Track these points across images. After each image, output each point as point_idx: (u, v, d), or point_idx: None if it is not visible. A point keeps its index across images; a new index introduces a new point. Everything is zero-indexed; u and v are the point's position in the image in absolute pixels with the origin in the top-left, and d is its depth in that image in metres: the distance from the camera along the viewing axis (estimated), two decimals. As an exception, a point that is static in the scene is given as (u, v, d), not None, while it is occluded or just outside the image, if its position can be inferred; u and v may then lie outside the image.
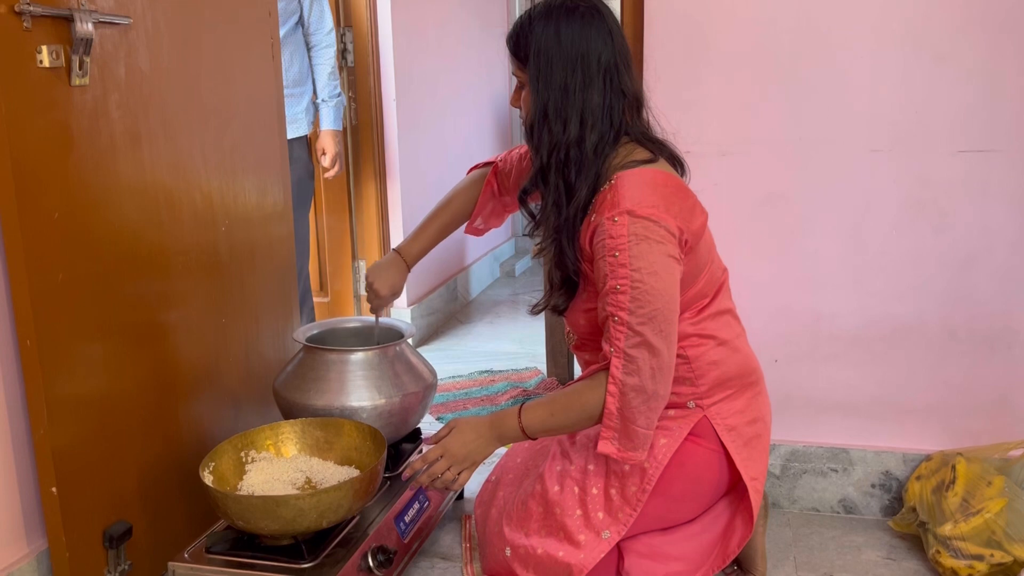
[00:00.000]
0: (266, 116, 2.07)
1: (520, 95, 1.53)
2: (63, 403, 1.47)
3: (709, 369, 1.53)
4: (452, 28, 3.91)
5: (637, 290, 1.39)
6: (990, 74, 1.78)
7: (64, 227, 1.46)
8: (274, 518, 1.44)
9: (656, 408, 1.45)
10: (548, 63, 1.43)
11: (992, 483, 1.71)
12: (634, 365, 1.41)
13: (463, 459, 1.57)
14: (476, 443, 1.57)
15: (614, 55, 1.45)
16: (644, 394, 1.42)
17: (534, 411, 1.53)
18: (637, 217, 1.39)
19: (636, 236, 1.39)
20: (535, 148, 1.49)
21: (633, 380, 1.41)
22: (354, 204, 3.25)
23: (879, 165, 1.85)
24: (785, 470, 2.01)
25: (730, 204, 1.92)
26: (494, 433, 1.57)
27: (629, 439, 1.44)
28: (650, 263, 1.39)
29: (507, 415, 1.55)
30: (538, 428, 1.53)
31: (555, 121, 1.44)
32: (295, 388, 1.79)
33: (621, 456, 1.46)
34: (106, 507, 1.57)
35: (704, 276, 1.52)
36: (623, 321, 1.41)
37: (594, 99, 1.44)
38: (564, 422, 1.52)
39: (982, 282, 1.86)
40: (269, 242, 2.08)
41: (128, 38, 1.57)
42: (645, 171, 1.46)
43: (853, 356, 1.94)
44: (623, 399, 1.42)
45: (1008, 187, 1.81)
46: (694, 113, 1.89)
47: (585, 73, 1.43)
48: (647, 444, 1.46)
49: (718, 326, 1.55)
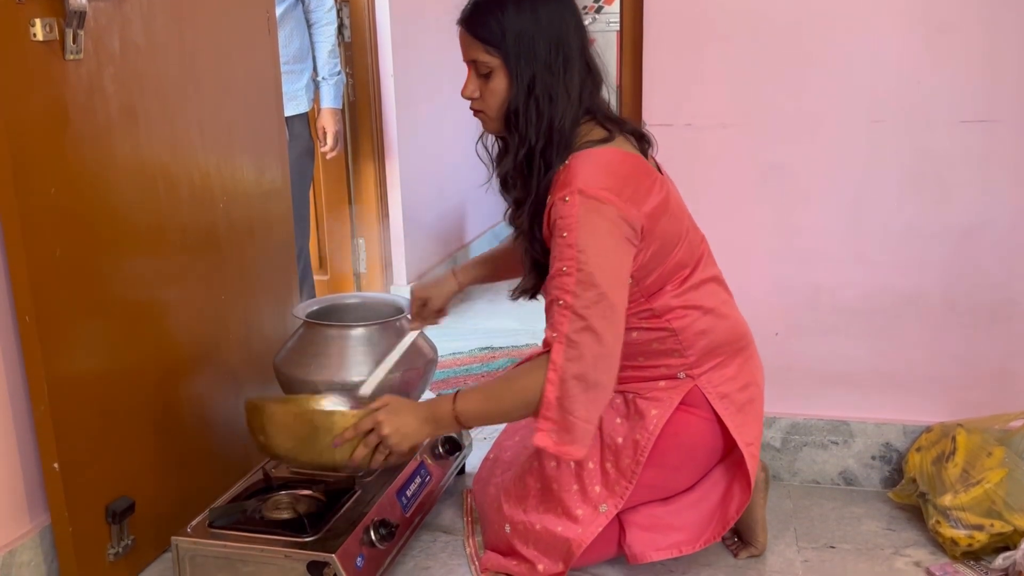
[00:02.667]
0: (263, 92, 2.06)
1: (478, 84, 1.45)
2: (63, 379, 1.47)
3: (697, 339, 1.52)
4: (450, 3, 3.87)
5: (583, 272, 1.34)
6: (992, 43, 1.76)
7: (61, 202, 1.45)
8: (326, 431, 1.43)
9: (597, 400, 1.38)
10: (531, 42, 1.39)
11: (992, 454, 1.72)
12: (576, 351, 1.34)
13: (395, 442, 1.43)
14: (409, 427, 1.44)
15: (580, 33, 1.44)
16: (585, 383, 1.35)
17: (468, 398, 1.44)
18: (588, 197, 1.35)
19: (586, 216, 1.35)
20: (520, 131, 1.42)
21: (575, 367, 1.35)
22: (352, 181, 3.24)
23: (880, 136, 1.84)
24: (786, 443, 2.01)
25: (730, 177, 1.91)
26: (428, 417, 1.46)
27: (567, 431, 1.37)
28: (598, 245, 1.35)
29: (442, 401, 1.46)
30: (471, 415, 1.44)
31: (543, 99, 1.40)
32: (295, 364, 1.79)
33: (557, 450, 1.38)
34: (108, 482, 1.58)
35: (682, 246, 1.49)
36: (567, 305, 1.35)
37: (574, 79, 1.42)
38: (499, 409, 1.45)
39: (983, 254, 1.85)
40: (268, 219, 2.07)
41: (122, 11, 1.55)
42: (600, 151, 1.42)
43: (853, 328, 1.94)
44: (563, 387, 1.35)
45: (1010, 157, 1.80)
46: (694, 85, 1.88)
47: (566, 52, 1.41)
48: (587, 439, 1.38)
49: (702, 295, 1.53)
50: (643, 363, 1.54)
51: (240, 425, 1.94)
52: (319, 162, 3.08)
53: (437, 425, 1.47)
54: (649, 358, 1.54)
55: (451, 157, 3.91)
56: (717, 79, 1.88)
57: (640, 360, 1.54)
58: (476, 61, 1.44)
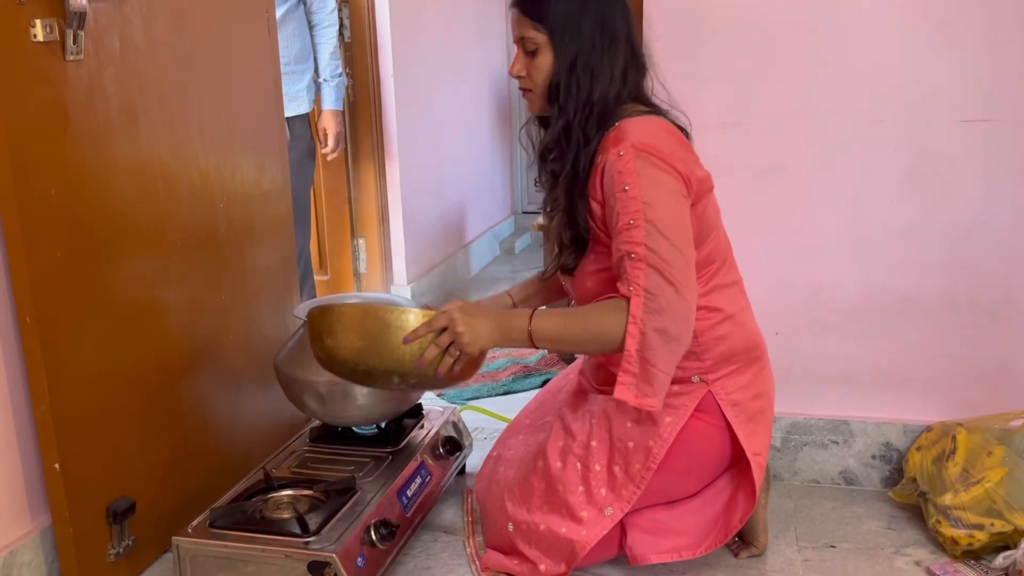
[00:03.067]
0: (263, 93, 2.06)
1: (525, 63, 1.50)
2: (64, 379, 1.47)
3: (715, 343, 1.52)
4: (449, 4, 3.88)
5: (651, 223, 1.36)
6: (992, 43, 1.76)
7: (61, 203, 1.45)
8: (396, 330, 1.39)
9: (677, 352, 1.39)
10: (577, 20, 1.44)
11: (992, 453, 1.72)
12: (655, 304, 1.36)
13: (467, 342, 1.41)
14: (482, 329, 1.42)
15: (627, 20, 1.49)
16: (666, 335, 1.36)
17: (547, 318, 1.44)
18: (641, 151, 1.39)
19: (644, 168, 1.38)
20: (560, 105, 1.47)
21: (655, 320, 1.36)
22: (353, 182, 3.24)
23: (880, 136, 1.84)
24: (786, 442, 2.01)
25: (731, 176, 1.91)
26: (503, 324, 1.44)
27: (648, 383, 1.38)
28: (662, 197, 1.37)
29: (518, 315, 1.44)
30: (546, 336, 1.43)
31: (584, 75, 1.44)
32: (296, 364, 1.79)
33: (638, 402, 1.39)
34: (109, 482, 1.58)
35: (711, 241, 1.52)
36: (640, 256, 1.36)
37: (617, 58, 1.46)
38: (574, 337, 1.44)
39: (983, 253, 1.85)
40: (268, 219, 2.07)
41: (122, 11, 1.55)
42: (648, 118, 1.47)
43: (854, 328, 1.94)
44: (643, 340, 1.36)
45: (1010, 157, 1.80)
46: (694, 84, 1.88)
47: (610, 33, 1.45)
48: (665, 389, 1.40)
49: (725, 299, 1.54)
50: None
51: (240, 423, 1.95)
52: (319, 162, 3.08)
53: (509, 334, 1.44)
54: None
55: (451, 157, 3.91)
56: (717, 79, 1.89)
57: None
58: (524, 38, 1.48)
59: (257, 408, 2.02)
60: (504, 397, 2.63)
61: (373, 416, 1.82)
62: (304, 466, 1.79)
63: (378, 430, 1.89)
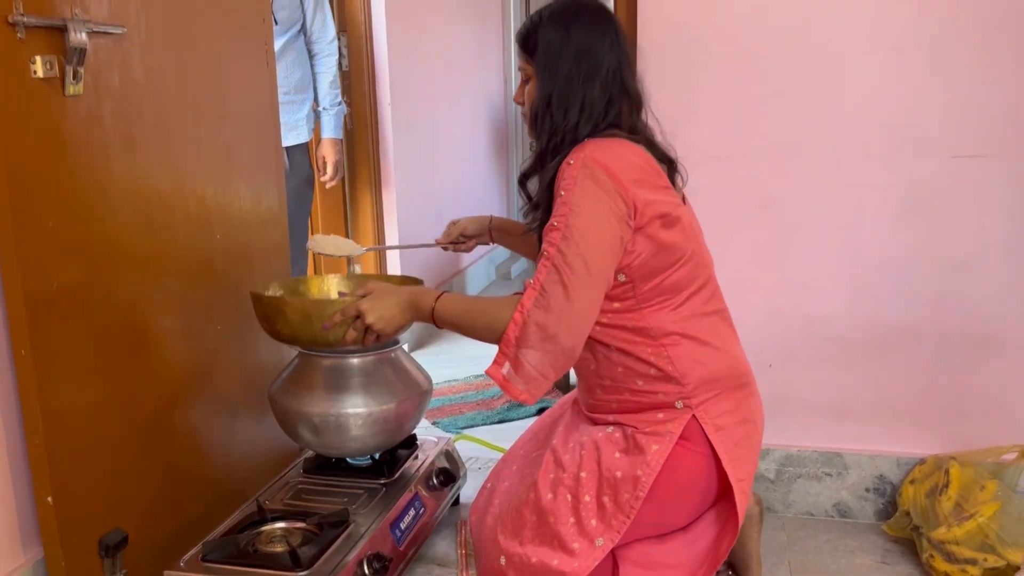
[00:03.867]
0: (261, 122, 2.07)
1: (524, 90, 1.58)
2: (58, 411, 1.47)
3: (692, 367, 1.53)
4: (447, 32, 3.91)
5: (570, 229, 1.41)
6: (982, 80, 1.79)
7: (59, 235, 1.46)
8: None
9: (553, 354, 1.43)
10: (556, 55, 1.50)
11: (985, 487, 1.72)
12: (544, 300, 1.41)
13: (380, 328, 1.56)
14: (391, 312, 1.56)
15: (618, 55, 1.53)
16: (544, 332, 1.41)
17: (451, 302, 1.53)
18: (589, 164, 1.43)
19: (583, 179, 1.43)
20: (537, 134, 1.55)
21: (539, 315, 1.41)
22: (349, 208, 3.26)
23: (872, 170, 1.86)
24: (780, 474, 2.02)
25: (725, 209, 1.93)
26: (410, 304, 1.56)
27: (517, 374, 1.43)
28: (589, 208, 1.41)
29: (428, 294, 1.55)
30: (447, 318, 1.52)
31: (557, 109, 1.50)
32: (290, 394, 1.79)
33: (504, 385, 1.44)
34: (102, 515, 1.58)
35: (684, 266, 1.52)
36: (549, 256, 1.42)
37: (595, 92, 1.50)
38: (470, 324, 1.51)
39: (974, 286, 1.87)
40: (264, 246, 2.08)
41: (122, 47, 1.57)
42: (614, 140, 1.51)
43: (847, 360, 1.95)
44: (523, 330, 1.42)
45: (999, 192, 1.82)
46: (688, 119, 1.90)
47: (590, 67, 1.49)
48: (534, 388, 1.44)
49: (703, 327, 1.55)
50: (642, 387, 1.55)
51: (234, 453, 1.95)
52: (317, 189, 3.10)
53: (417, 313, 1.56)
54: (647, 382, 1.54)
55: (448, 183, 3.93)
56: (710, 114, 1.91)
57: (639, 384, 1.55)
58: (521, 68, 1.59)
59: (251, 437, 2.02)
60: (499, 425, 2.63)
61: (367, 447, 1.82)
62: (298, 497, 1.79)
63: (372, 461, 1.89)
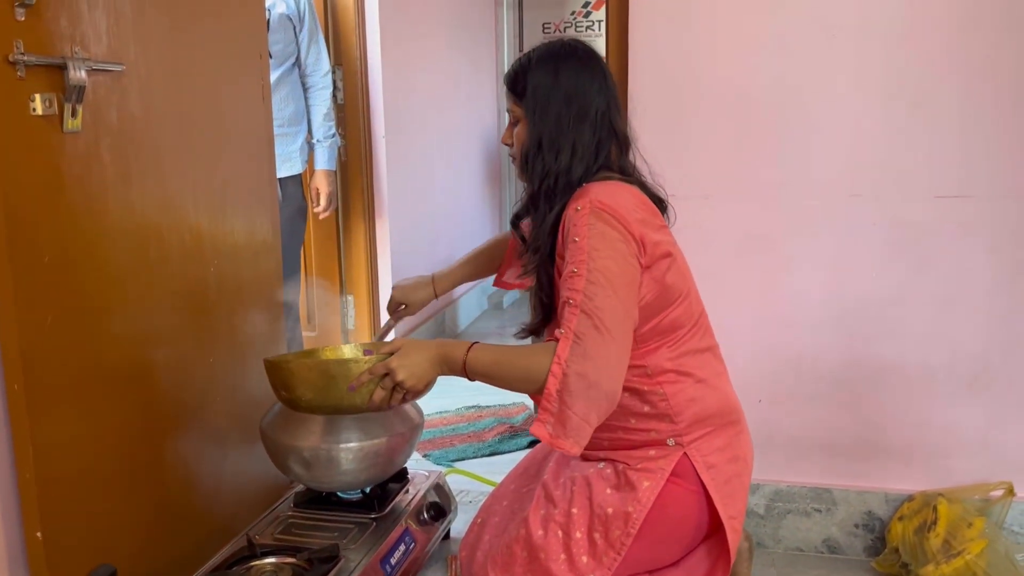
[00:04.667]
0: (256, 156, 2.09)
1: (512, 131, 1.60)
2: (49, 445, 1.47)
3: (687, 405, 1.54)
4: (442, 68, 3.96)
5: (592, 273, 1.41)
6: (965, 122, 1.83)
7: (54, 270, 1.47)
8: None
9: (597, 401, 1.41)
10: (546, 97, 1.52)
11: (973, 524, 1.73)
12: (581, 348, 1.39)
13: (410, 385, 1.53)
14: (421, 368, 1.53)
15: (606, 97, 1.55)
16: (586, 380, 1.39)
17: (483, 352, 1.50)
18: (598, 208, 1.44)
19: (596, 223, 1.43)
20: (528, 176, 1.56)
21: (578, 365, 1.39)
22: (343, 240, 3.27)
23: (858, 210, 1.89)
24: (769, 510, 2.02)
25: (713, 246, 1.95)
26: (440, 359, 1.53)
27: (563, 425, 1.41)
28: (608, 249, 1.42)
29: (457, 346, 1.52)
30: (479, 370, 1.50)
31: (548, 151, 1.51)
32: (281, 429, 1.79)
33: (552, 442, 1.42)
34: (91, 549, 1.57)
35: (680, 306, 1.54)
36: (576, 303, 1.41)
37: (585, 134, 1.52)
38: (504, 375, 1.49)
39: (961, 324, 1.89)
40: (257, 278, 2.09)
41: (121, 84, 1.59)
42: (616, 182, 1.53)
43: (835, 396, 1.97)
44: (564, 381, 1.39)
45: (985, 231, 1.85)
46: (677, 157, 1.93)
47: (579, 109, 1.52)
48: (581, 437, 1.41)
49: (697, 364, 1.57)
50: (635, 425, 1.56)
51: (224, 487, 1.95)
52: (310, 220, 3.12)
53: (448, 368, 1.53)
54: (641, 420, 1.55)
55: (441, 216, 3.96)
56: (699, 151, 1.94)
57: (632, 422, 1.56)
58: (510, 110, 1.60)
59: (242, 470, 2.02)
60: (490, 458, 2.63)
61: (358, 481, 1.82)
62: (288, 532, 1.78)
63: (363, 495, 1.89)
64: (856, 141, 1.87)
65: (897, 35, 1.82)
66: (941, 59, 1.81)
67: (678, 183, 1.90)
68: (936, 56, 1.81)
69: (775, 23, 1.87)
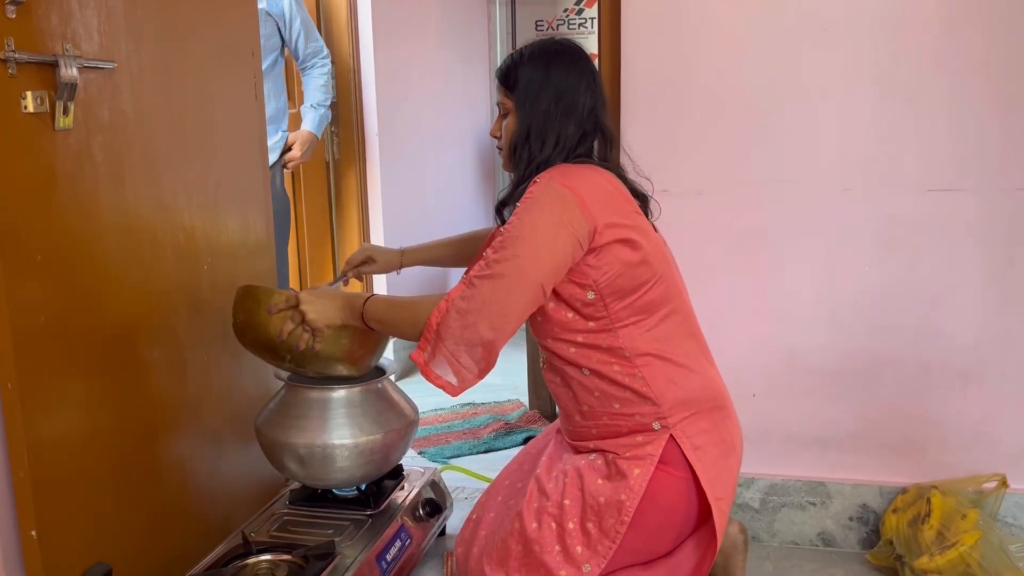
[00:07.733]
0: (248, 154, 2.09)
1: (501, 124, 1.65)
2: (44, 444, 1.46)
3: (668, 387, 1.55)
4: (435, 65, 3.96)
5: (509, 235, 1.47)
6: (957, 116, 1.83)
7: (47, 269, 1.46)
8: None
9: (471, 343, 1.47)
10: (536, 91, 1.57)
11: (967, 516, 1.74)
12: (470, 291, 1.46)
13: (312, 318, 1.64)
14: (326, 308, 1.65)
15: (593, 95, 1.60)
16: (465, 320, 1.46)
17: (377, 301, 1.62)
18: (554, 182, 1.49)
19: (543, 194, 1.48)
20: (515, 164, 1.61)
21: (462, 303, 1.46)
22: (336, 236, 3.27)
23: (850, 204, 1.90)
24: (764, 503, 2.03)
25: (706, 241, 1.96)
26: (343, 305, 1.65)
27: (434, 355, 1.49)
28: (537, 220, 1.47)
29: (358, 297, 1.65)
30: (374, 316, 1.61)
31: (535, 141, 1.57)
32: (276, 425, 1.79)
33: (424, 370, 1.49)
34: (86, 548, 1.57)
35: (656, 288, 1.55)
36: (486, 256, 1.48)
37: (570, 128, 1.57)
38: (394, 319, 1.59)
39: (954, 317, 1.90)
40: (252, 276, 2.09)
41: (112, 81, 1.59)
42: (586, 165, 1.58)
43: (829, 390, 1.97)
44: (445, 316, 1.47)
45: (976, 225, 1.86)
46: (670, 153, 1.93)
47: (567, 105, 1.57)
48: (452, 376, 1.50)
49: (677, 349, 1.58)
50: (619, 410, 1.57)
51: (220, 485, 1.95)
52: (303, 217, 3.11)
53: (350, 313, 1.65)
54: (625, 405, 1.56)
55: (435, 214, 3.95)
56: (692, 148, 1.94)
57: (616, 407, 1.56)
58: (499, 103, 1.65)
59: (237, 468, 2.02)
60: (485, 455, 2.63)
61: (353, 478, 1.82)
62: (283, 529, 1.78)
63: (358, 492, 1.89)
64: (848, 135, 1.88)
65: (888, 30, 1.83)
66: (932, 54, 1.82)
67: (671, 179, 1.91)
68: (927, 51, 1.82)
69: (766, 20, 1.88)
